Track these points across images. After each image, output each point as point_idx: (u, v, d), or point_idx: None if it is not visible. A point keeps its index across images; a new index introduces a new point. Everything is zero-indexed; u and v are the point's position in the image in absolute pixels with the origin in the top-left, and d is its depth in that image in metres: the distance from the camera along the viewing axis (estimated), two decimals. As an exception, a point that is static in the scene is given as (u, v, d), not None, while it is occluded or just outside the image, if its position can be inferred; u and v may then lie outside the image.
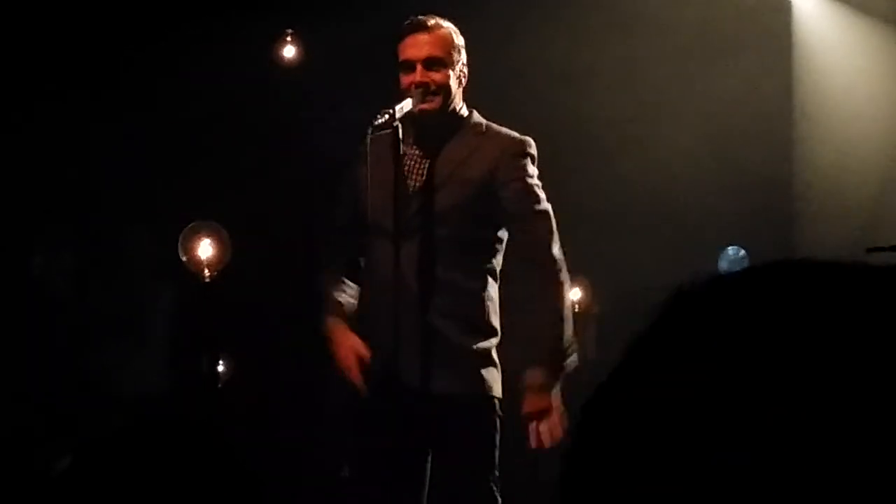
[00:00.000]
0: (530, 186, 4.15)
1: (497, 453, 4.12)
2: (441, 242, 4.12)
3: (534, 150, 4.19)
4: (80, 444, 1.49)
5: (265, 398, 6.81)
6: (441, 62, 4.15)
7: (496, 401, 4.13)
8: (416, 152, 4.22)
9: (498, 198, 4.13)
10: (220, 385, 6.10)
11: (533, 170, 4.17)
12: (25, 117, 6.61)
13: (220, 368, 6.17)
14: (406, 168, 4.20)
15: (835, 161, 7.47)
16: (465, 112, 4.24)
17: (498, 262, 4.19)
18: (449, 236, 4.12)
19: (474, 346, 4.10)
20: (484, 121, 4.26)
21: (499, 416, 4.13)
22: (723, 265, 7.27)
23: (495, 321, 4.14)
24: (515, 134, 4.23)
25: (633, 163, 7.24)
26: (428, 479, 4.19)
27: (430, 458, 4.19)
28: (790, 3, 7.65)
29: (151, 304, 6.58)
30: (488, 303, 4.14)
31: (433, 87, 4.14)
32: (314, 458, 6.40)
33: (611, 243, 7.14)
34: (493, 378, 4.12)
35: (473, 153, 4.18)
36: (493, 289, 4.15)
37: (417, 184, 4.18)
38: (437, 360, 4.07)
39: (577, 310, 6.97)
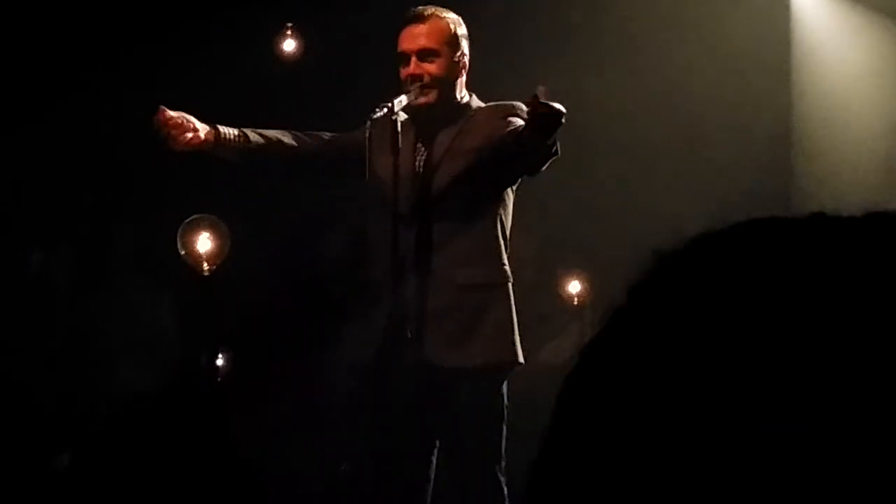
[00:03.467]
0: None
1: (504, 442, 4.11)
2: (448, 220, 4.10)
3: (525, 112, 4.17)
4: (80, 439, 1.50)
5: (265, 392, 6.81)
6: (435, 53, 4.13)
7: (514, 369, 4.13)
8: (416, 143, 4.22)
9: (499, 144, 4.08)
10: (219, 379, 6.09)
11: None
12: (23, 113, 6.60)
13: (220, 363, 6.16)
14: (405, 158, 4.18)
15: (833, 155, 7.47)
16: (465, 99, 4.22)
17: (507, 223, 4.17)
18: (456, 211, 4.10)
19: (492, 317, 4.09)
20: (483, 104, 4.25)
21: (506, 407, 4.12)
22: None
23: (509, 291, 4.14)
24: (505, 102, 4.22)
25: (631, 158, 7.24)
26: (434, 471, 4.18)
27: (436, 451, 4.18)
28: (789, -4, 7.65)
29: (150, 298, 6.58)
30: (503, 268, 4.14)
31: (427, 80, 4.12)
32: (315, 453, 6.40)
33: (610, 238, 7.14)
34: (512, 345, 4.12)
35: (467, 123, 4.16)
36: (504, 255, 4.14)
37: (420, 169, 4.17)
38: (452, 335, 4.06)
39: (576, 303, 6.99)
